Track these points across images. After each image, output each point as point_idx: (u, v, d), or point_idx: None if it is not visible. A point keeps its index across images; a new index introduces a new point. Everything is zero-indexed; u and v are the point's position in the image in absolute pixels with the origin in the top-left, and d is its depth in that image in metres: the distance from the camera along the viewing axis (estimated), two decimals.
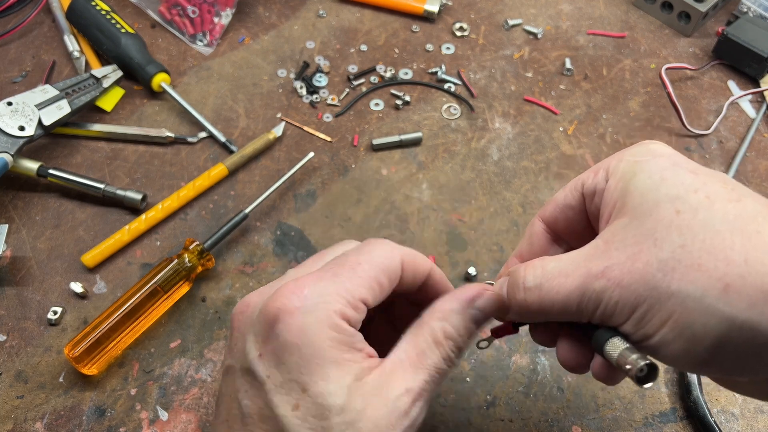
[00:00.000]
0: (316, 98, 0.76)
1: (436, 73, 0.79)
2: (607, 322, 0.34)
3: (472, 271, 0.62)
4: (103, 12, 0.76)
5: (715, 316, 0.30)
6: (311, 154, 0.67)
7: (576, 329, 0.39)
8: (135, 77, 0.75)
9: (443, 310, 0.38)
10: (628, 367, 0.33)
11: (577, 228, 0.41)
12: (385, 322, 0.46)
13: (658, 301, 0.31)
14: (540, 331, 0.42)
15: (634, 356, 0.33)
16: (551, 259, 0.37)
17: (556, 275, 0.35)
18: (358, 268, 0.37)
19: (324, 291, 0.35)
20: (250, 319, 0.37)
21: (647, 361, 0.32)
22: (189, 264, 0.59)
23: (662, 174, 0.34)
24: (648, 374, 0.32)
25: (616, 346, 0.34)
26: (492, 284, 0.41)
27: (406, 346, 0.37)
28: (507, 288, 0.38)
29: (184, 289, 0.59)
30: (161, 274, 0.57)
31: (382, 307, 0.40)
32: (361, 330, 0.37)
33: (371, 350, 0.37)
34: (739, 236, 0.30)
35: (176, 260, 0.58)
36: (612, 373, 0.36)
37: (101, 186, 0.65)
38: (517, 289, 0.37)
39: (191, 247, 0.60)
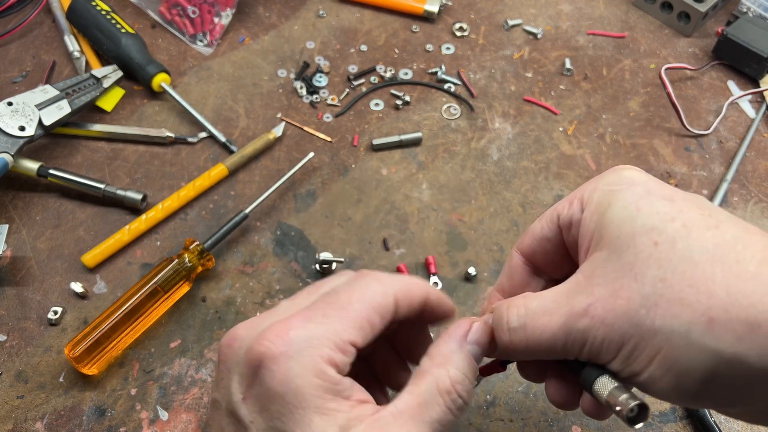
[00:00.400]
0: (316, 98, 0.76)
1: (436, 73, 0.79)
2: (594, 360, 0.34)
3: (472, 270, 0.62)
4: (104, 12, 0.76)
5: (702, 352, 0.29)
6: (311, 154, 0.67)
7: (564, 366, 0.38)
8: (135, 77, 0.75)
9: (443, 354, 0.37)
10: (618, 408, 0.32)
11: (556, 259, 0.41)
12: (388, 349, 0.44)
13: (643, 339, 0.31)
14: (528, 369, 0.41)
15: (624, 396, 0.32)
16: (534, 297, 0.36)
17: (539, 314, 0.35)
18: (349, 308, 0.35)
19: (311, 335, 0.34)
20: (236, 355, 0.36)
21: (637, 402, 0.32)
22: (189, 264, 0.59)
23: (637, 204, 0.33)
24: (638, 414, 0.32)
25: (605, 385, 0.33)
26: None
27: (407, 396, 0.34)
28: (492, 327, 0.38)
29: (184, 289, 0.59)
30: (161, 274, 0.57)
31: (383, 334, 0.38)
32: (363, 359, 0.36)
33: (364, 396, 0.35)
34: (720, 266, 0.30)
35: (176, 260, 0.58)
36: (602, 410, 0.36)
37: (101, 186, 0.65)
38: (502, 331, 0.37)
39: (191, 247, 0.60)
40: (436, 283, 0.62)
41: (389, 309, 0.37)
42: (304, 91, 0.76)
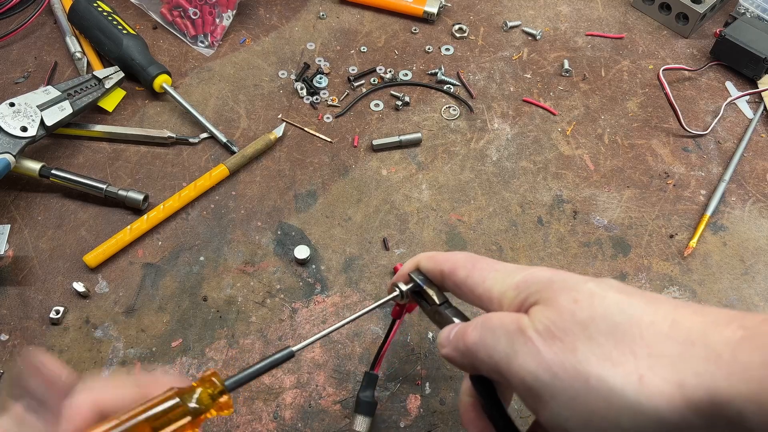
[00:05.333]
0: (317, 99, 0.76)
1: (435, 74, 0.79)
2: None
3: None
4: (105, 13, 0.76)
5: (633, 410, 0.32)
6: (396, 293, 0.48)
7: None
8: (137, 78, 0.75)
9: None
10: None
11: None
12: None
13: (571, 386, 0.33)
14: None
15: None
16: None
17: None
18: None
19: None
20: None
21: None
22: (195, 405, 0.37)
23: (551, 272, 0.40)
24: None
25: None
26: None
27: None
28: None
29: None
30: (154, 410, 0.36)
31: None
32: None
33: None
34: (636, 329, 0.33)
35: (179, 398, 0.36)
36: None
37: (103, 186, 0.66)
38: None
39: (208, 379, 0.38)
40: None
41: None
42: (304, 92, 0.77)
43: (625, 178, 0.71)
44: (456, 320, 0.43)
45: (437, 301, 0.44)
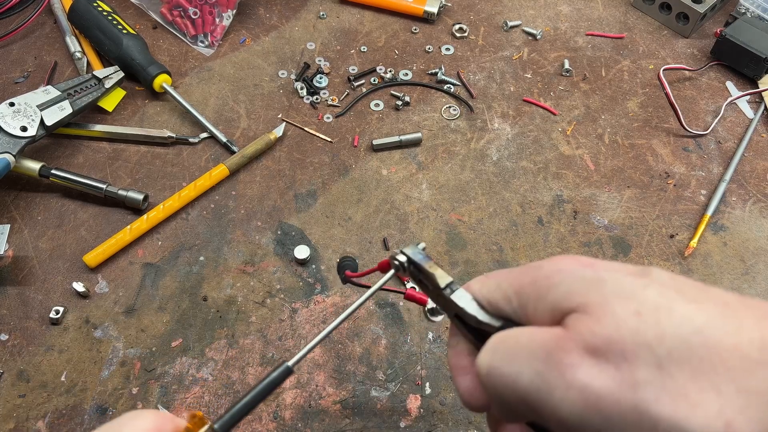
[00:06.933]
0: (317, 99, 0.76)
1: (435, 74, 0.79)
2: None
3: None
4: (105, 13, 0.76)
5: None
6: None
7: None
8: (136, 78, 0.75)
9: None
10: None
11: None
12: None
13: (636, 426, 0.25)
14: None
15: None
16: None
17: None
18: None
19: None
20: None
21: None
22: None
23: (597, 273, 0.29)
24: None
25: None
26: None
27: None
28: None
29: None
30: None
31: None
32: None
33: None
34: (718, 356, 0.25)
35: None
36: None
37: (103, 186, 0.65)
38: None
39: (195, 421, 0.34)
40: None
41: None
42: (304, 92, 0.77)
43: (626, 178, 0.71)
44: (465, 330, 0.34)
45: (440, 285, 0.36)
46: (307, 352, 0.36)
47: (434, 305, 0.39)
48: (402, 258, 0.37)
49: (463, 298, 0.35)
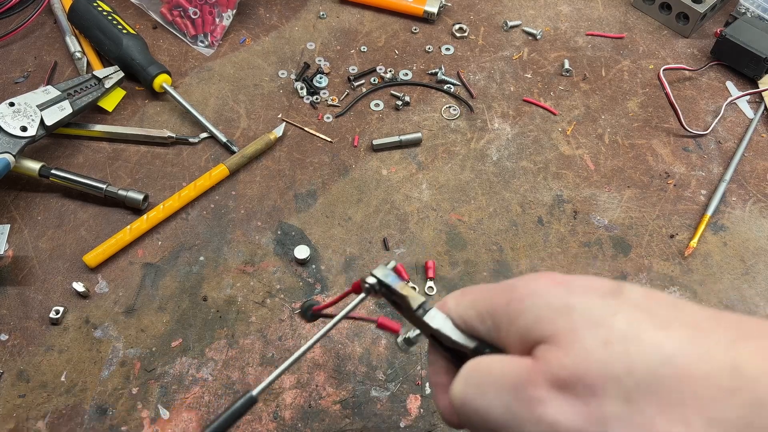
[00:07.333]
0: (317, 99, 0.76)
1: (435, 74, 0.79)
2: None
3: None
4: (105, 13, 0.76)
5: None
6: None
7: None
8: (136, 78, 0.75)
9: None
10: None
11: None
12: None
13: None
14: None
15: None
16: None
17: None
18: None
19: None
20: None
21: None
22: None
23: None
24: None
25: None
26: None
27: None
28: None
29: None
30: None
31: None
32: None
33: None
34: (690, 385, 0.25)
35: None
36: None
37: (103, 186, 0.65)
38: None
39: None
40: (430, 287, 0.62)
41: None
42: (304, 92, 0.77)
43: (626, 178, 0.71)
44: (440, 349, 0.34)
45: (413, 306, 0.35)
46: (272, 380, 0.35)
47: (407, 337, 0.39)
48: (372, 280, 0.37)
49: (436, 319, 0.34)
